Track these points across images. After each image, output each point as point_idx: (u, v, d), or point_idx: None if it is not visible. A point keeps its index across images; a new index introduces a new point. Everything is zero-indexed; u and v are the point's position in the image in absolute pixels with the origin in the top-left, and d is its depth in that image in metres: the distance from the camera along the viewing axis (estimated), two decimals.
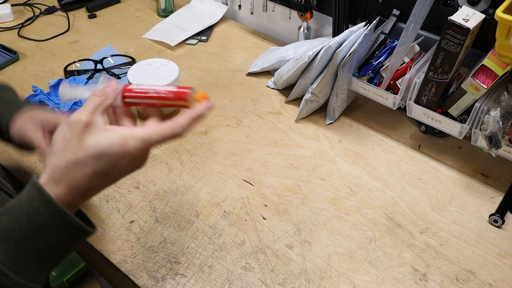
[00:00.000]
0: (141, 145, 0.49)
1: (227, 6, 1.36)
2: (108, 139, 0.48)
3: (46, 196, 0.47)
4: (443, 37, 0.79)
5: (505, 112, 0.80)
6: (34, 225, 0.46)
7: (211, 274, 0.76)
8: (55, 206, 0.47)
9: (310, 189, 0.89)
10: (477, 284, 0.75)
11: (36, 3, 1.42)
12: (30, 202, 0.47)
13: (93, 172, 0.48)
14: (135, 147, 0.49)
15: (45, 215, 0.47)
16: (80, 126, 0.48)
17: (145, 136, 0.49)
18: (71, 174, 0.48)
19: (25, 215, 0.46)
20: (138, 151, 0.49)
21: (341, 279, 0.75)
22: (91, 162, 0.48)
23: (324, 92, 1.00)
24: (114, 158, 0.48)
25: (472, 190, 0.89)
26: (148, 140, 0.49)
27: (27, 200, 0.47)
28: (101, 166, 0.48)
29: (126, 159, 0.49)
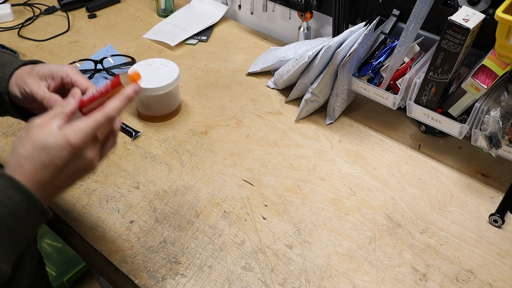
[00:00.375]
0: (78, 132, 0.54)
1: (227, 6, 1.36)
2: (50, 133, 0.54)
3: (16, 183, 0.51)
4: (443, 37, 0.79)
5: (505, 112, 0.80)
6: (8, 208, 0.51)
7: (211, 274, 0.76)
8: (25, 191, 0.52)
9: (310, 189, 0.89)
10: (477, 284, 0.75)
11: (36, 3, 1.42)
12: (3, 190, 0.51)
13: (40, 163, 0.53)
14: (73, 135, 0.54)
15: (17, 199, 0.51)
16: (34, 127, 0.55)
17: (81, 125, 0.55)
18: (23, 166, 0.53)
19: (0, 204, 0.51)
20: (77, 139, 0.54)
21: (341, 279, 0.75)
22: (36, 154, 0.53)
23: (324, 92, 1.00)
24: (55, 148, 0.53)
25: (472, 190, 0.89)
26: (84, 127, 0.55)
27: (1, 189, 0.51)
28: (45, 157, 0.53)
29: (69, 150, 0.54)
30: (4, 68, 0.69)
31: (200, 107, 1.07)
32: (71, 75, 0.67)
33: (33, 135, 0.54)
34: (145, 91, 0.97)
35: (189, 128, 1.02)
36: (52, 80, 0.67)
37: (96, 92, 0.60)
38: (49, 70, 0.67)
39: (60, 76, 0.67)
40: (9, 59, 0.71)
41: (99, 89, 0.60)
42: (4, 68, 0.69)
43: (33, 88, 0.65)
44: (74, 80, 0.66)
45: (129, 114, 1.05)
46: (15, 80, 0.67)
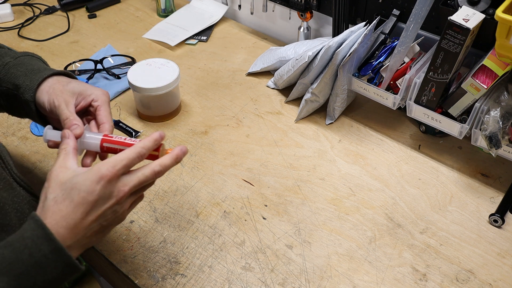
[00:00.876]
0: (110, 166, 0.54)
1: (227, 6, 1.36)
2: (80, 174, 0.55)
3: (49, 235, 0.50)
4: (443, 37, 0.79)
5: (505, 112, 0.80)
6: (35, 261, 0.50)
7: (211, 274, 0.76)
8: (56, 244, 0.50)
9: (310, 189, 0.89)
10: (477, 284, 0.75)
11: (36, 3, 1.42)
12: (33, 238, 0.50)
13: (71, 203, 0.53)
14: (104, 168, 0.54)
15: (45, 251, 0.50)
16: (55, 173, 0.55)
17: (112, 160, 0.55)
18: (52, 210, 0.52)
19: (28, 250, 0.50)
20: (108, 171, 0.54)
21: (341, 279, 0.75)
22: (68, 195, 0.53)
23: (324, 92, 1.00)
24: (87, 183, 0.53)
25: (472, 190, 0.89)
26: (115, 163, 0.55)
27: (30, 236, 0.50)
28: (77, 196, 0.53)
29: (101, 183, 0.53)
30: (33, 76, 0.69)
31: (200, 107, 1.07)
32: (100, 103, 0.69)
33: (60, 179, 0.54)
34: (145, 91, 0.97)
35: (189, 128, 1.02)
36: (83, 100, 0.69)
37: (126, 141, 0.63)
38: (84, 90, 0.69)
39: (91, 98, 0.69)
40: (38, 66, 0.71)
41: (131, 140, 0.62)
42: (33, 76, 0.69)
43: (62, 105, 0.66)
44: (100, 109, 0.68)
45: (129, 114, 1.05)
46: (47, 89, 0.68)
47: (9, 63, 0.71)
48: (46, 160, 0.94)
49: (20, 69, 0.70)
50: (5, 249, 0.50)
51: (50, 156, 0.95)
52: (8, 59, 0.72)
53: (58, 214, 0.52)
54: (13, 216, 0.63)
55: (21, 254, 0.49)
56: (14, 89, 0.69)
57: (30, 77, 0.69)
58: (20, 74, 0.70)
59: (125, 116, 1.05)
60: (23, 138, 0.99)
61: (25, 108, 0.70)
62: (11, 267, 0.49)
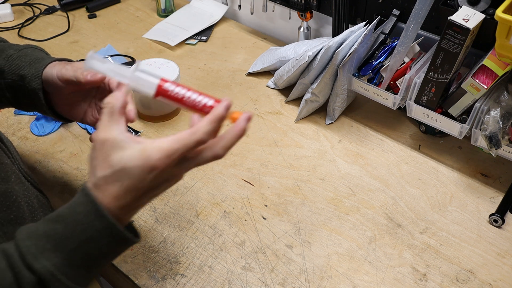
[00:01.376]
0: (162, 155, 0.49)
1: (227, 6, 1.36)
2: (129, 154, 0.49)
3: (100, 211, 0.49)
4: (443, 37, 0.79)
5: (505, 112, 0.80)
6: (88, 236, 0.49)
7: (211, 274, 0.76)
8: (108, 221, 0.49)
9: (310, 189, 0.89)
10: (477, 284, 0.75)
11: (36, 3, 1.42)
12: (86, 214, 0.49)
13: (122, 188, 0.50)
14: (157, 158, 0.49)
15: (98, 227, 0.49)
16: (100, 145, 0.50)
17: (165, 146, 0.49)
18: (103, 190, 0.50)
19: (80, 226, 0.49)
20: (161, 162, 0.49)
21: (341, 279, 0.75)
22: (117, 178, 0.49)
23: (324, 92, 1.00)
24: (138, 171, 0.49)
25: (472, 190, 0.89)
26: (168, 149, 0.49)
27: (83, 212, 0.49)
28: (127, 181, 0.49)
29: (153, 173, 0.49)
30: (37, 65, 0.68)
31: None
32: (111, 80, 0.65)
33: (111, 157, 0.50)
34: None
35: None
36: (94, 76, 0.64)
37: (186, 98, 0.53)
38: None
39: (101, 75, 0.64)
40: (41, 56, 0.70)
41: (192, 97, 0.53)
42: (37, 64, 0.68)
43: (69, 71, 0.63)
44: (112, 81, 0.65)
45: None
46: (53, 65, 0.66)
47: (12, 55, 0.70)
48: (46, 160, 0.94)
49: (24, 59, 0.69)
50: (57, 224, 0.49)
51: (50, 156, 0.95)
52: (11, 51, 0.71)
53: (110, 195, 0.50)
54: (25, 209, 0.63)
55: (74, 230, 0.49)
56: (20, 80, 0.68)
57: (35, 66, 0.67)
58: (24, 64, 0.68)
59: None
60: (23, 138, 0.99)
61: (33, 98, 0.68)
62: (64, 243, 0.49)
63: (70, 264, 0.49)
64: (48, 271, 0.48)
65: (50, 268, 0.48)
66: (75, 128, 1.02)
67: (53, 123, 1.02)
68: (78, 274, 0.51)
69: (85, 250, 0.50)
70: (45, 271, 0.48)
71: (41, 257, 0.48)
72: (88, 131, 1.00)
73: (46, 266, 0.48)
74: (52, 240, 0.49)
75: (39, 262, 0.48)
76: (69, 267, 0.49)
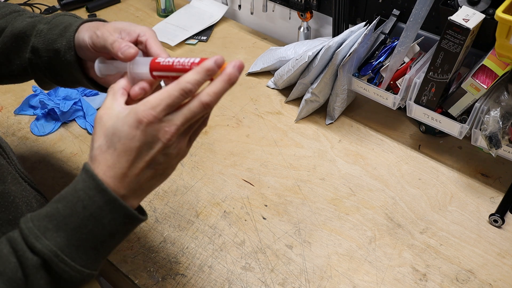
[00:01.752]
0: (146, 107, 0.47)
1: (227, 6, 1.36)
2: (116, 114, 0.49)
3: (100, 185, 0.48)
4: (443, 37, 0.79)
5: (505, 112, 0.80)
6: (90, 212, 0.48)
7: (211, 274, 0.76)
8: (109, 195, 0.48)
9: (310, 189, 0.89)
10: (477, 284, 0.75)
11: (36, 3, 1.42)
12: (85, 190, 0.48)
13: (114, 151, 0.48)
14: (141, 110, 0.47)
15: (99, 203, 0.48)
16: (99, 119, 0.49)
17: (150, 98, 0.47)
18: (98, 160, 0.49)
19: (81, 203, 0.48)
20: (145, 113, 0.47)
21: (341, 279, 0.75)
22: (109, 142, 0.48)
23: (324, 92, 1.00)
24: (126, 129, 0.48)
25: (472, 190, 0.89)
26: (153, 101, 0.47)
27: (82, 188, 0.48)
28: (117, 142, 0.48)
29: (140, 127, 0.47)
30: (67, 34, 0.62)
31: None
32: (148, 36, 0.60)
33: (103, 123, 0.49)
34: None
35: None
36: (127, 35, 0.60)
37: (177, 63, 0.51)
38: (127, 26, 0.60)
39: (137, 33, 0.60)
40: (69, 21, 0.64)
41: (181, 60, 0.51)
42: (66, 33, 0.63)
43: (105, 33, 0.58)
44: (149, 43, 0.60)
45: None
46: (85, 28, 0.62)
47: (43, 30, 0.65)
48: (46, 160, 0.94)
49: (55, 31, 0.64)
50: (59, 203, 0.48)
51: (50, 156, 0.95)
52: (41, 26, 0.66)
53: (105, 164, 0.48)
54: (24, 209, 0.63)
55: (75, 207, 0.47)
56: (55, 55, 0.64)
57: (65, 36, 0.62)
58: (55, 37, 0.64)
59: None
60: (23, 138, 0.99)
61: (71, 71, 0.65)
62: (66, 221, 0.47)
63: (74, 244, 0.48)
64: (51, 251, 0.47)
65: (53, 248, 0.47)
66: (75, 128, 1.02)
67: (53, 123, 1.02)
68: (84, 255, 0.49)
69: (88, 228, 0.48)
70: (48, 251, 0.47)
71: (43, 237, 0.47)
72: (88, 131, 1.00)
73: (49, 246, 0.47)
74: (54, 220, 0.48)
75: (41, 242, 0.47)
76: (73, 247, 0.48)
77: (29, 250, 0.47)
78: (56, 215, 0.48)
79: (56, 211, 0.48)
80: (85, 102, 1.05)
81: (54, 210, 0.48)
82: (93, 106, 1.05)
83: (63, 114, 1.02)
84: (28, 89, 1.10)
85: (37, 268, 0.47)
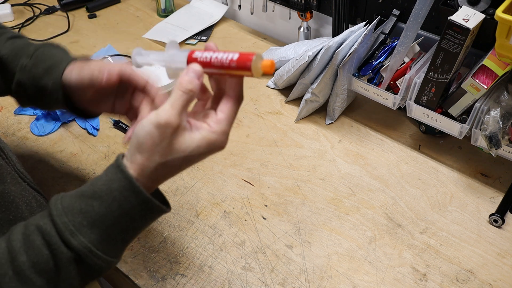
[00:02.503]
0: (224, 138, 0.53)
1: (227, 6, 1.36)
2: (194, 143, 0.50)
3: (136, 187, 0.49)
4: (443, 37, 0.79)
5: (505, 112, 0.80)
6: (124, 212, 0.50)
7: (211, 274, 0.76)
8: (144, 197, 0.50)
9: (310, 189, 0.89)
10: (477, 284, 0.75)
11: (36, 3, 1.42)
12: (121, 191, 0.50)
13: (179, 170, 0.52)
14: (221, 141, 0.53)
15: (134, 203, 0.50)
16: (170, 131, 0.48)
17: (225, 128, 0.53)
18: (158, 173, 0.51)
19: (116, 203, 0.50)
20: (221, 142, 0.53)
21: (341, 279, 0.75)
22: (179, 163, 0.51)
23: (324, 92, 1.00)
24: (198, 155, 0.51)
25: (472, 190, 0.89)
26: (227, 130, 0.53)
27: (118, 188, 0.50)
28: (186, 165, 0.52)
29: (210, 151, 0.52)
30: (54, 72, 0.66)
31: None
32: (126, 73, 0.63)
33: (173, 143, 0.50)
34: None
35: None
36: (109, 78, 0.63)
37: (213, 58, 0.50)
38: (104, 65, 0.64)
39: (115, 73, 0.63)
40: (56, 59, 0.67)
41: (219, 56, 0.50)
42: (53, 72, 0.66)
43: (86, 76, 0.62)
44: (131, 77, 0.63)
45: None
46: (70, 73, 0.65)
47: (27, 65, 0.68)
48: (46, 160, 0.94)
49: (40, 67, 0.67)
50: (94, 201, 0.50)
51: (50, 156, 0.95)
52: (24, 60, 0.68)
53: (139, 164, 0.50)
54: (24, 209, 0.64)
55: (110, 207, 0.50)
56: (41, 91, 0.67)
57: (52, 75, 0.65)
58: (41, 72, 0.66)
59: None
60: (23, 138, 0.99)
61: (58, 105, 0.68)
62: (101, 219, 0.50)
63: (106, 239, 0.50)
64: (86, 247, 0.49)
65: (88, 245, 0.49)
66: (75, 128, 1.02)
67: (53, 123, 1.02)
68: (114, 247, 0.52)
69: (121, 225, 0.51)
70: (83, 247, 0.49)
71: (78, 233, 0.49)
72: (88, 131, 1.00)
73: (84, 243, 0.49)
74: (88, 217, 0.50)
75: (77, 239, 0.49)
76: (105, 242, 0.51)
77: (64, 245, 0.49)
78: (91, 213, 0.50)
79: (91, 208, 0.50)
80: None
81: (89, 207, 0.50)
82: None
83: (63, 114, 1.02)
84: None
85: (70, 261, 0.50)
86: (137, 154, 0.50)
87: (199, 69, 0.51)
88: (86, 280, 0.53)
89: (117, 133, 1.00)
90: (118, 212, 0.50)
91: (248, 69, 0.48)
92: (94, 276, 0.53)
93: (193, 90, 0.50)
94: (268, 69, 0.48)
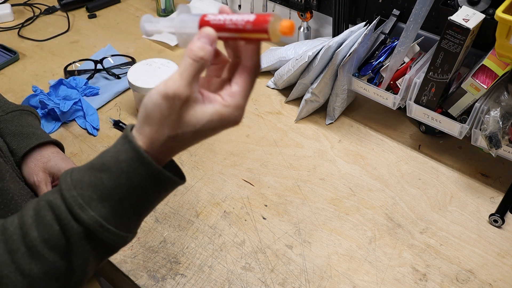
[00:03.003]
0: (239, 113, 0.49)
1: (227, 6, 1.36)
2: (205, 117, 0.46)
3: (145, 158, 0.47)
4: (443, 37, 0.79)
5: (505, 112, 0.80)
6: (134, 184, 0.47)
7: (211, 274, 0.76)
8: (153, 168, 0.47)
9: (310, 189, 0.89)
10: (477, 284, 0.75)
11: (36, 3, 1.42)
12: (129, 163, 0.47)
13: (190, 143, 0.49)
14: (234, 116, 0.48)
15: (143, 175, 0.47)
16: (179, 103, 0.45)
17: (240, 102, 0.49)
18: (168, 146, 0.48)
19: (125, 175, 0.47)
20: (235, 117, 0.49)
21: (341, 279, 0.75)
22: (190, 137, 0.48)
23: (324, 92, 1.00)
24: (211, 130, 0.48)
25: (472, 190, 0.89)
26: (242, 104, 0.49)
27: (126, 160, 0.47)
28: (197, 139, 0.48)
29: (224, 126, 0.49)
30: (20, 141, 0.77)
31: None
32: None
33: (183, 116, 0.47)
34: (145, 91, 0.97)
35: None
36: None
37: (228, 20, 0.46)
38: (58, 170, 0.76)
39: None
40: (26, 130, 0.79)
41: (233, 18, 0.46)
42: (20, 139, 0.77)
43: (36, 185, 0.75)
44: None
45: (129, 114, 1.05)
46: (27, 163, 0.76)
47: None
48: None
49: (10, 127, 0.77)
50: (103, 174, 0.47)
51: None
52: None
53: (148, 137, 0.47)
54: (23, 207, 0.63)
55: (119, 179, 0.47)
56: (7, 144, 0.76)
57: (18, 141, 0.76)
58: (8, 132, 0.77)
59: (125, 116, 1.05)
60: None
61: None
62: (111, 192, 0.47)
63: (118, 213, 0.48)
64: (96, 222, 0.47)
65: (98, 219, 0.47)
66: (75, 128, 1.02)
67: (53, 123, 1.02)
68: (127, 221, 0.49)
69: (132, 198, 0.48)
70: (93, 222, 0.47)
71: (88, 208, 0.47)
72: (88, 131, 1.00)
73: (94, 217, 0.47)
74: (98, 190, 0.47)
75: (86, 214, 0.47)
76: (117, 216, 0.48)
77: (74, 220, 0.47)
78: (100, 186, 0.47)
79: (100, 181, 0.47)
80: (85, 102, 1.05)
81: (98, 180, 0.47)
82: (93, 106, 1.05)
83: (63, 114, 1.02)
84: (28, 89, 1.10)
85: (81, 237, 0.47)
86: (145, 126, 0.47)
87: (212, 33, 0.46)
88: (103, 256, 0.51)
89: (117, 133, 1.00)
90: (128, 185, 0.47)
91: (265, 31, 0.44)
92: (110, 252, 0.51)
93: (205, 57, 0.45)
94: (288, 31, 0.44)
